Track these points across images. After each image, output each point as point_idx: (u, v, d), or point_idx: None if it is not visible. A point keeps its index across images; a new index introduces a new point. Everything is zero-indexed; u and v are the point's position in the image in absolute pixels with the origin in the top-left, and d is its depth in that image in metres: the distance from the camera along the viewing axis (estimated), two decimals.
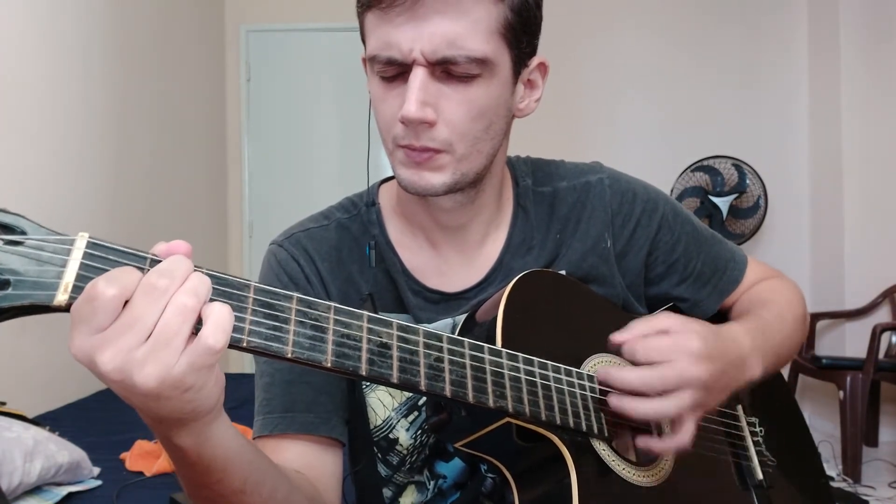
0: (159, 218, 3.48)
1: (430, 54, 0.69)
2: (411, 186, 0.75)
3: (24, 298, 0.45)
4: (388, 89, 0.73)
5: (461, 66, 0.70)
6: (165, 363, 0.47)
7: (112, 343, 0.46)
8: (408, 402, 0.85)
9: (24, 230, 0.47)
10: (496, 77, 0.73)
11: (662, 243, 0.90)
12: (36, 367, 2.50)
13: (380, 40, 0.71)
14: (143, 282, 0.47)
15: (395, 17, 0.69)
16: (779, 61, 4.17)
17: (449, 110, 0.72)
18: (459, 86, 0.72)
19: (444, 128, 0.72)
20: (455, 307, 0.85)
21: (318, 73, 4.34)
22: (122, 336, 0.46)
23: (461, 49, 0.69)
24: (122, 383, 0.47)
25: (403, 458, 0.86)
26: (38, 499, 1.76)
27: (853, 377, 3.17)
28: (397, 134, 0.73)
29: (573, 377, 0.73)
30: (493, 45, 0.71)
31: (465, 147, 0.74)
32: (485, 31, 0.70)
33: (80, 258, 0.47)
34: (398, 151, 0.75)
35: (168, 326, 0.47)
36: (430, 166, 0.74)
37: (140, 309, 0.46)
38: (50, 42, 2.69)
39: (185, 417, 0.52)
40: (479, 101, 0.73)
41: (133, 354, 0.46)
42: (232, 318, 0.49)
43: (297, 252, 0.85)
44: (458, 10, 0.69)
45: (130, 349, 0.46)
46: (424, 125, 0.71)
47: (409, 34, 0.69)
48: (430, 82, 0.71)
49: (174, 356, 0.47)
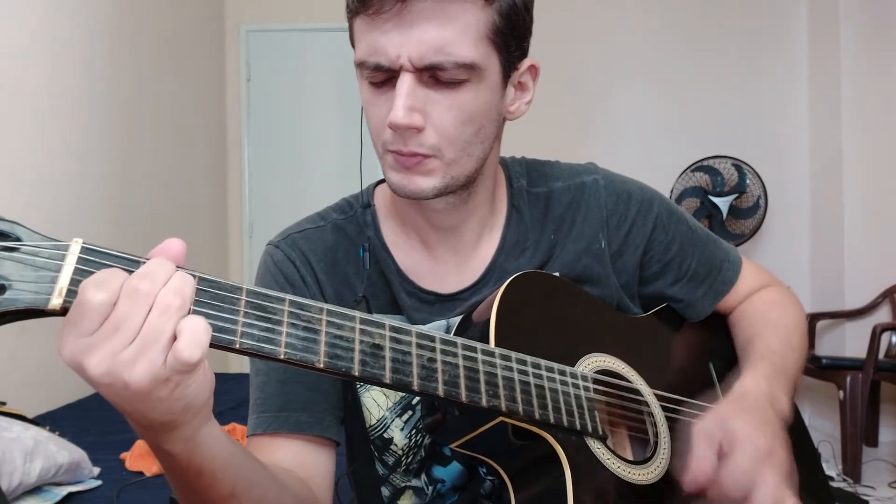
0: (159, 218, 3.49)
1: (418, 60, 0.69)
2: (401, 190, 0.76)
3: (20, 303, 0.46)
4: (376, 94, 0.74)
5: (449, 72, 0.70)
6: (154, 361, 0.48)
7: (99, 346, 0.47)
8: (401, 402, 0.85)
9: (19, 237, 0.48)
10: (484, 81, 0.73)
11: (657, 243, 0.91)
12: (36, 367, 2.51)
13: (368, 46, 0.71)
14: (126, 286, 0.48)
15: (383, 23, 0.69)
16: (779, 61, 4.16)
17: (437, 115, 0.72)
18: (447, 91, 0.72)
19: (433, 133, 0.72)
20: (449, 308, 0.85)
21: (318, 73, 4.35)
22: (109, 339, 0.47)
23: (448, 55, 0.69)
24: (112, 386, 0.48)
25: (399, 459, 0.86)
26: (38, 499, 1.76)
27: (853, 377, 3.17)
28: (386, 139, 0.74)
29: (566, 376, 0.73)
30: (481, 50, 0.71)
31: (455, 152, 0.74)
32: (472, 37, 0.70)
33: (75, 263, 0.48)
34: (388, 156, 0.75)
35: (154, 327, 0.48)
36: (420, 170, 0.74)
37: (125, 311, 0.47)
38: (51, 43, 2.69)
39: (177, 419, 0.52)
40: (467, 105, 0.73)
41: (121, 356, 0.47)
42: (208, 331, 0.49)
43: (293, 253, 0.86)
44: (446, 16, 0.69)
45: (117, 352, 0.47)
46: (413, 131, 0.72)
47: (396, 40, 0.69)
48: (417, 88, 0.71)
49: (162, 354, 0.48)
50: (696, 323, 0.96)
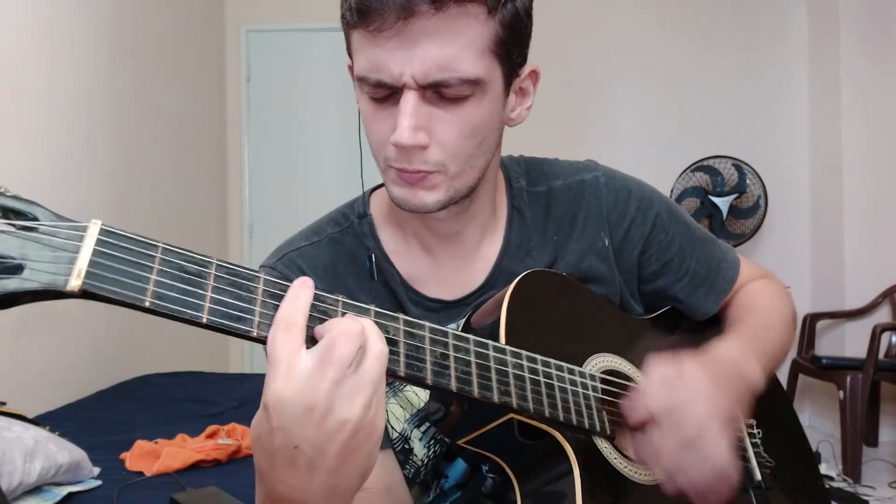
0: (159, 217, 3.49)
1: (422, 78, 0.67)
2: (405, 205, 0.75)
3: (38, 283, 0.45)
4: (378, 110, 0.72)
5: (453, 89, 0.69)
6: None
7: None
8: (418, 414, 0.84)
9: (36, 216, 0.47)
10: (488, 94, 0.72)
11: (656, 242, 0.90)
12: (36, 367, 2.50)
13: (369, 62, 0.69)
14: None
15: (385, 40, 0.67)
16: (779, 61, 4.17)
17: (441, 132, 0.71)
18: (451, 107, 0.70)
19: (438, 149, 0.71)
20: (456, 314, 0.84)
21: (318, 73, 4.34)
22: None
23: (453, 72, 0.68)
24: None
25: (418, 470, 0.85)
26: (38, 499, 1.75)
27: (853, 377, 3.17)
28: (389, 155, 0.72)
29: (576, 376, 0.73)
30: (484, 63, 0.70)
31: (458, 165, 0.73)
32: (476, 51, 0.69)
33: (93, 245, 0.47)
34: (390, 171, 0.74)
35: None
36: (424, 185, 0.73)
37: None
38: (51, 43, 2.69)
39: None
40: (471, 120, 0.71)
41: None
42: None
43: (292, 273, 0.83)
44: (449, 32, 0.67)
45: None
46: (417, 149, 0.70)
47: (398, 58, 0.67)
48: (421, 106, 0.69)
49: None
50: (701, 324, 0.96)
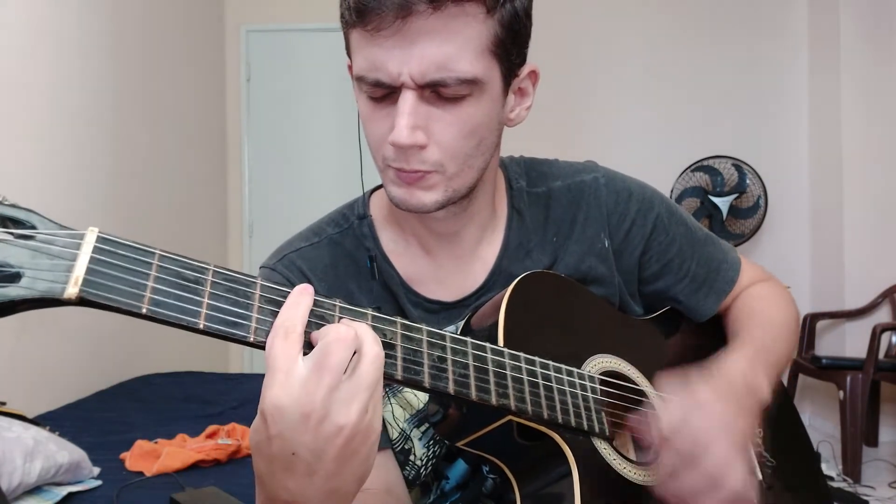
0: (159, 218, 3.49)
1: (419, 77, 0.68)
2: (403, 204, 0.75)
3: (36, 291, 0.45)
4: (376, 109, 0.72)
5: (451, 88, 0.69)
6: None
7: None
8: (418, 415, 0.84)
9: (34, 225, 0.47)
10: (487, 94, 0.72)
11: (657, 243, 0.90)
12: (36, 367, 2.50)
13: (367, 61, 0.69)
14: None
15: (383, 40, 0.67)
16: (779, 61, 4.17)
17: (439, 131, 0.71)
18: (449, 106, 0.70)
19: (436, 149, 0.71)
20: (455, 316, 0.84)
21: (318, 73, 4.34)
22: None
23: (451, 71, 0.68)
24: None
25: (418, 471, 0.85)
26: (38, 499, 1.76)
27: (853, 377, 3.17)
28: (387, 155, 0.73)
29: (574, 377, 0.73)
30: (483, 63, 0.70)
31: (457, 165, 0.73)
32: (474, 51, 0.69)
33: (90, 252, 0.47)
34: (389, 170, 0.74)
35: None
36: (422, 185, 0.73)
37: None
38: (50, 42, 2.69)
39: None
40: (470, 120, 0.71)
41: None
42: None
43: (292, 274, 0.83)
44: (447, 31, 0.67)
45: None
46: (415, 149, 0.70)
47: (397, 57, 0.67)
48: (419, 105, 0.69)
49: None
50: (701, 325, 0.96)
